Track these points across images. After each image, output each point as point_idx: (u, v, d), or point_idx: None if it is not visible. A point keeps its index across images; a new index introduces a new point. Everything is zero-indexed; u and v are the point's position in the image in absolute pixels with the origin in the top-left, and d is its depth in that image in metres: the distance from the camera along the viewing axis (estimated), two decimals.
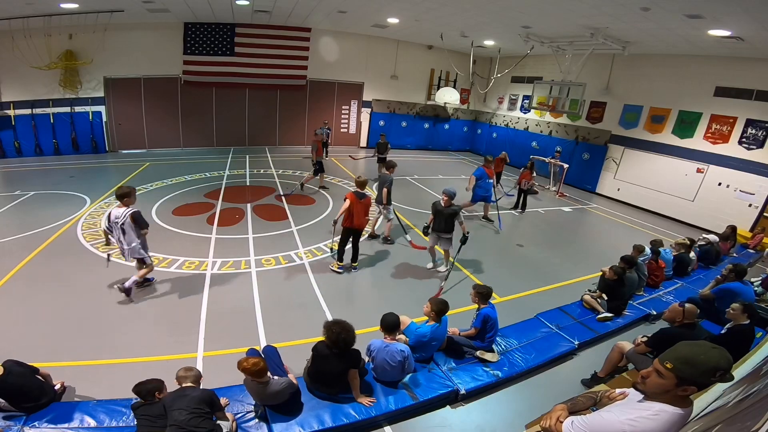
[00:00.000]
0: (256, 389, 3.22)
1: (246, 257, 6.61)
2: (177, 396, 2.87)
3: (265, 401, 3.33)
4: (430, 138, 19.08)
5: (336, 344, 3.37)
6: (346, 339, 3.38)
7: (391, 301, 5.65)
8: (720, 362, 1.61)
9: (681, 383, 1.67)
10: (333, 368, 3.46)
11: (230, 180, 11.20)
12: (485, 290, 4.40)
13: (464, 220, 6.19)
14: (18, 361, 3.16)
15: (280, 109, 16.30)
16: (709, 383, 1.69)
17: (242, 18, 13.30)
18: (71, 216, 7.82)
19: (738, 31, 7.87)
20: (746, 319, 4.08)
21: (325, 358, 3.44)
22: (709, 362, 1.62)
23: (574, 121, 14.60)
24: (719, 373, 1.62)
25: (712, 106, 10.66)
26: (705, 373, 1.63)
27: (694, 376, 1.64)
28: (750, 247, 9.29)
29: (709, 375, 1.63)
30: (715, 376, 1.63)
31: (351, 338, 3.41)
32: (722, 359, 1.62)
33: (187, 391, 2.90)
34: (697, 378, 1.65)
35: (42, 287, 5.35)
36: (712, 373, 1.62)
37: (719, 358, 1.63)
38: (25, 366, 3.17)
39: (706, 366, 1.62)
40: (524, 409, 3.81)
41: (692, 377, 1.64)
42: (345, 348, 3.41)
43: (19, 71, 11.42)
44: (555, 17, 9.40)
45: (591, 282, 6.45)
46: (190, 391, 2.90)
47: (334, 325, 3.40)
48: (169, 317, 4.92)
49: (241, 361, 3.10)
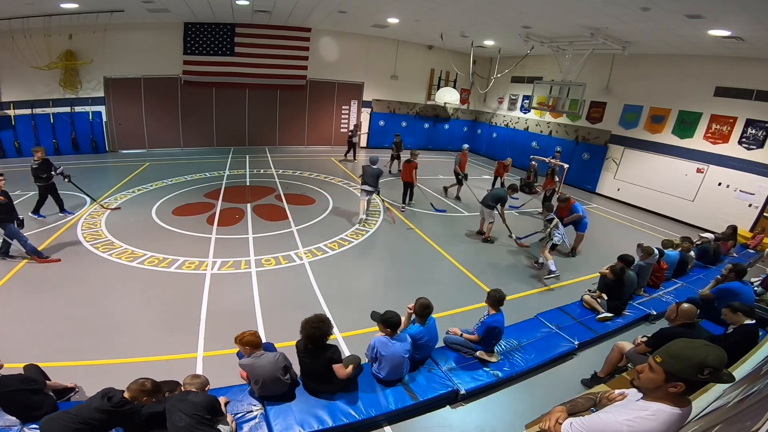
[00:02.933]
0: (252, 364, 3.29)
1: (246, 257, 6.61)
2: (179, 399, 2.88)
3: (265, 378, 3.35)
4: (430, 138, 19.07)
5: (311, 340, 3.40)
6: (317, 334, 3.38)
7: (392, 300, 5.64)
8: (707, 358, 1.58)
9: (669, 378, 1.66)
10: (315, 364, 3.47)
11: (230, 180, 11.20)
12: (496, 295, 4.26)
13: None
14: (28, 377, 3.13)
15: (280, 109, 16.30)
16: (697, 380, 1.62)
17: (242, 18, 13.30)
18: (71, 216, 7.83)
19: (738, 31, 7.87)
20: (746, 319, 4.04)
21: (304, 354, 3.49)
22: (695, 357, 1.60)
23: (574, 121, 14.60)
24: (707, 371, 1.58)
25: (712, 106, 10.65)
26: (690, 368, 1.61)
27: (680, 371, 1.63)
28: (750, 247, 9.29)
29: (695, 370, 1.60)
30: (703, 373, 1.59)
31: (324, 332, 3.41)
32: (710, 356, 1.59)
33: (190, 396, 2.90)
34: (683, 373, 1.62)
35: (42, 287, 5.35)
36: (698, 368, 1.59)
37: (707, 354, 1.59)
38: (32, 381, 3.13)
39: (691, 360, 1.61)
40: (524, 409, 3.81)
41: (678, 372, 1.63)
42: (320, 342, 3.42)
43: (19, 71, 11.41)
44: (555, 17, 9.40)
45: (591, 282, 6.46)
46: (193, 396, 2.90)
47: (308, 321, 3.42)
48: (169, 317, 4.92)
49: (238, 335, 3.35)
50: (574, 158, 14.15)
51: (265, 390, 3.45)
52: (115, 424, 2.71)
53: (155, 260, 6.28)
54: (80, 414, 2.62)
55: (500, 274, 6.92)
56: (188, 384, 3.03)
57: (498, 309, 4.30)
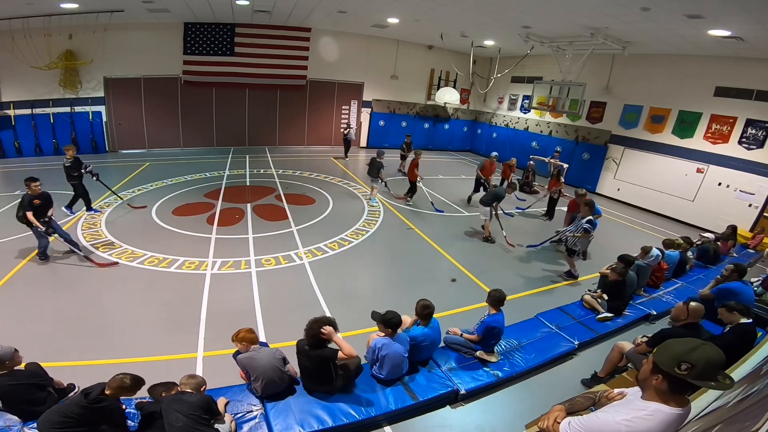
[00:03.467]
0: (251, 357, 3.37)
1: (246, 257, 6.61)
2: (174, 399, 2.87)
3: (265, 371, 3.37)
4: (430, 138, 19.06)
5: (308, 341, 3.46)
6: (313, 335, 3.41)
7: (392, 300, 5.64)
8: (690, 354, 1.57)
9: (654, 370, 1.68)
10: (313, 362, 3.48)
11: (230, 180, 11.20)
12: (496, 295, 4.26)
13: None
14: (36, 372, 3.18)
15: (280, 109, 16.29)
16: (674, 374, 1.59)
17: (242, 18, 13.30)
18: (71, 216, 7.83)
19: (738, 31, 7.87)
20: (743, 318, 4.01)
21: (302, 353, 3.51)
22: (675, 350, 1.61)
23: (574, 121, 14.60)
24: (685, 366, 1.56)
25: (712, 106, 10.65)
26: (669, 360, 1.61)
27: (660, 362, 1.64)
28: (750, 247, 9.29)
29: (672, 363, 1.59)
30: (680, 368, 1.57)
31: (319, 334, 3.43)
32: (694, 352, 1.57)
33: (186, 396, 2.89)
34: (663, 365, 1.63)
35: (42, 287, 5.35)
36: (675, 361, 1.58)
37: (691, 350, 1.58)
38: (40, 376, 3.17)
39: (671, 353, 1.61)
40: (524, 409, 3.81)
41: (659, 363, 1.64)
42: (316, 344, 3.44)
43: (19, 71, 11.41)
44: (555, 17, 9.40)
45: (591, 282, 6.46)
46: (188, 396, 2.89)
47: (312, 323, 3.47)
48: (169, 317, 4.92)
49: (234, 333, 3.46)
50: (574, 158, 14.15)
51: (265, 386, 3.43)
52: (96, 420, 2.72)
53: (155, 260, 6.28)
54: (65, 409, 2.68)
55: (500, 274, 6.91)
56: (184, 384, 3.02)
57: (498, 309, 4.29)
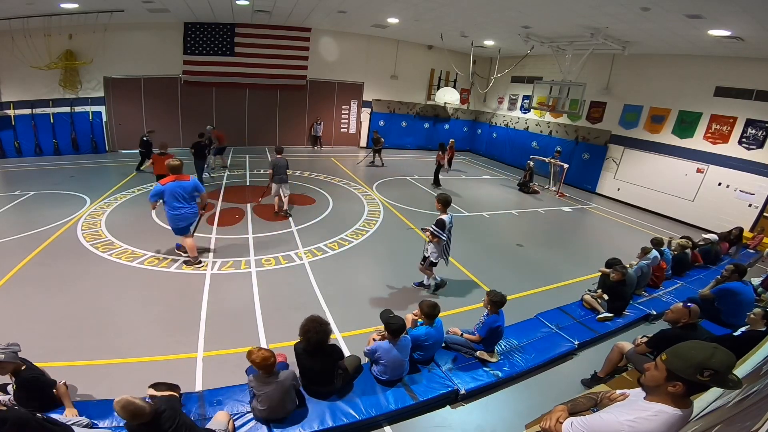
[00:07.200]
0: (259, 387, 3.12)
1: (246, 257, 6.61)
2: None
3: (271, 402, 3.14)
4: (430, 138, 19.05)
5: (314, 344, 3.36)
6: (323, 338, 3.37)
7: (392, 300, 5.66)
8: (710, 360, 1.56)
9: (669, 377, 1.65)
10: (315, 366, 3.46)
11: (230, 180, 11.20)
12: (498, 298, 4.24)
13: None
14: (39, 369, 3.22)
15: (280, 109, 16.29)
16: (696, 381, 1.60)
17: (242, 18, 13.30)
18: (71, 216, 7.82)
19: (738, 31, 7.87)
20: (764, 326, 3.98)
21: (304, 355, 3.45)
22: (696, 357, 1.59)
23: (574, 121, 14.60)
24: (708, 373, 1.56)
25: (712, 106, 10.65)
26: (690, 368, 1.59)
27: (679, 370, 1.62)
28: (750, 247, 9.30)
29: (694, 370, 1.58)
30: (703, 375, 1.56)
31: (324, 336, 3.38)
32: (714, 358, 1.56)
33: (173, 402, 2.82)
34: (683, 373, 1.61)
35: (42, 287, 5.35)
36: (698, 369, 1.57)
37: (710, 355, 1.56)
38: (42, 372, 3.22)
39: (692, 360, 1.59)
40: (524, 409, 3.81)
41: (678, 371, 1.62)
42: (320, 346, 3.40)
43: (19, 71, 11.41)
44: (555, 17, 9.40)
45: (591, 282, 6.46)
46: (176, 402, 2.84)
47: (311, 324, 3.36)
48: (169, 317, 4.92)
49: (251, 351, 3.07)
50: (574, 158, 14.16)
51: (268, 414, 3.23)
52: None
53: (155, 260, 6.28)
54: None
55: (500, 273, 6.91)
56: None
57: (498, 311, 4.30)
